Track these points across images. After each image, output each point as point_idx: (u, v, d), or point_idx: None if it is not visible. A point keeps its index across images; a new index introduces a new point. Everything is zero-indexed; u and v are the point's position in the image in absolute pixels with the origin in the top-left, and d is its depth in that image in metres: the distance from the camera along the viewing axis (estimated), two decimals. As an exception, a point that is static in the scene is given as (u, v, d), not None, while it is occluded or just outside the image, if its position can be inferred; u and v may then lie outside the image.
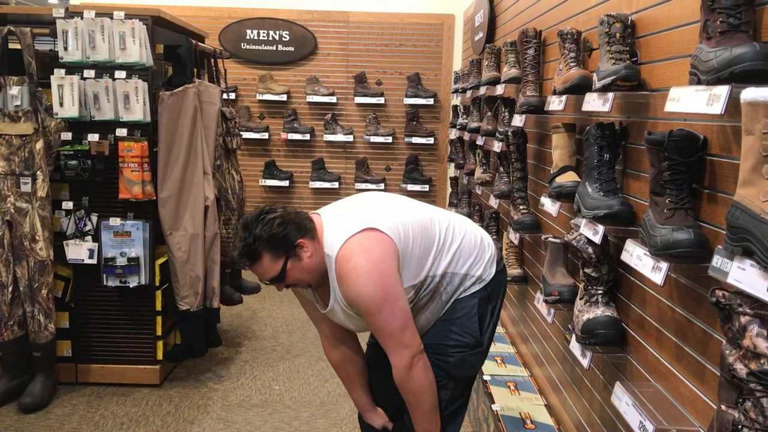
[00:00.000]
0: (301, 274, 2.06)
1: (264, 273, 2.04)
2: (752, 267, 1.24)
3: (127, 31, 3.47)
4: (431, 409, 2.15)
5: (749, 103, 1.25)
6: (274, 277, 2.04)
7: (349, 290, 2.00)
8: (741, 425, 1.26)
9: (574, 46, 2.52)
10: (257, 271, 2.05)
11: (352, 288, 1.99)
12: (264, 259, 2.02)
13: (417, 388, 2.10)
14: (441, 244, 2.18)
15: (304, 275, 2.07)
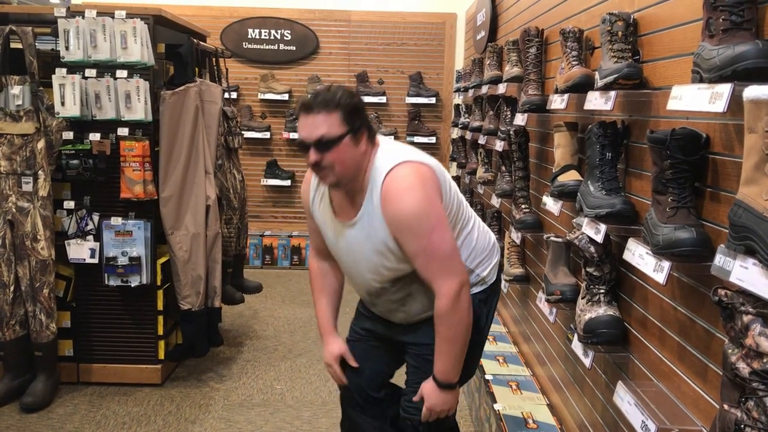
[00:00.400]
0: (343, 160, 1.92)
1: (320, 128, 1.90)
2: (755, 266, 1.23)
3: (128, 31, 3.47)
4: (461, 352, 2.05)
5: (752, 101, 1.24)
6: (325, 138, 1.89)
7: (402, 205, 1.91)
8: (744, 425, 1.25)
9: (576, 45, 2.51)
10: (317, 122, 1.90)
11: (406, 203, 1.91)
12: (333, 115, 1.90)
13: (458, 320, 2.00)
14: (462, 229, 2.16)
15: (345, 163, 1.93)
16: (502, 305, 4.12)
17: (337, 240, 2.15)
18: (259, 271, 6.45)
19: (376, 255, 2.04)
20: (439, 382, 2.09)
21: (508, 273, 3.50)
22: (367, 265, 2.10)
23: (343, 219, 2.09)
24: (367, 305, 2.36)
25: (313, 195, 2.22)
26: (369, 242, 2.03)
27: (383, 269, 2.07)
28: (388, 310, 2.24)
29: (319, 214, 2.21)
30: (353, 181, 2.00)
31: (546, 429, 2.71)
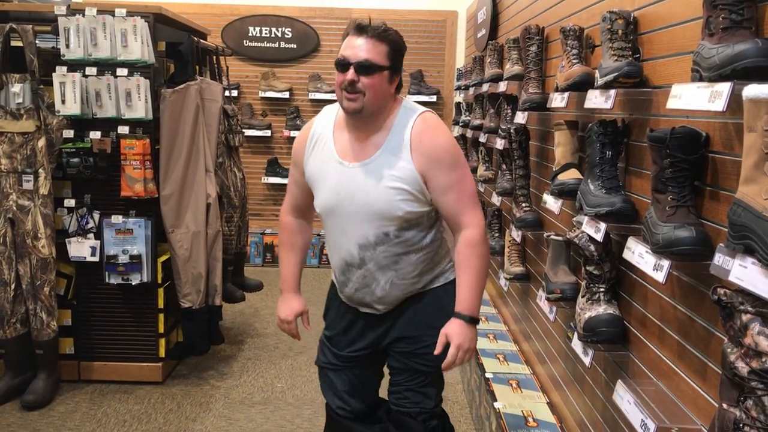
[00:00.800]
0: (376, 90, 2.01)
1: (367, 52, 2.00)
2: (754, 265, 1.23)
3: (128, 29, 3.47)
4: (484, 285, 2.18)
5: (751, 99, 1.24)
6: (369, 62, 1.99)
7: (439, 140, 2.06)
8: (742, 424, 1.25)
9: (577, 43, 2.51)
10: (365, 46, 2.00)
11: (442, 138, 2.07)
12: (381, 46, 2.01)
13: (487, 251, 2.16)
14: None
15: (376, 93, 2.01)
16: (503, 303, 4.12)
17: (339, 184, 2.10)
18: (260, 269, 6.45)
19: (390, 193, 2.04)
20: (467, 317, 2.11)
21: (509, 271, 3.50)
22: (374, 208, 2.06)
23: (352, 160, 2.09)
24: (343, 284, 2.23)
25: (309, 144, 2.20)
26: (386, 179, 2.05)
27: (393, 209, 2.05)
28: (373, 278, 2.14)
29: (314, 162, 2.17)
30: (373, 117, 2.06)
31: (546, 427, 2.72)
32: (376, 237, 2.09)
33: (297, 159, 2.26)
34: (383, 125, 2.08)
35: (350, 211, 2.10)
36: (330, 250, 2.26)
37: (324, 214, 2.18)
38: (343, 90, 2.02)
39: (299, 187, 2.30)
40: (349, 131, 2.12)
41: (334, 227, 2.17)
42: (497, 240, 3.98)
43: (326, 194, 2.14)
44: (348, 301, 2.28)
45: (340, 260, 2.19)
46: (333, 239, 2.21)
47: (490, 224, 4.14)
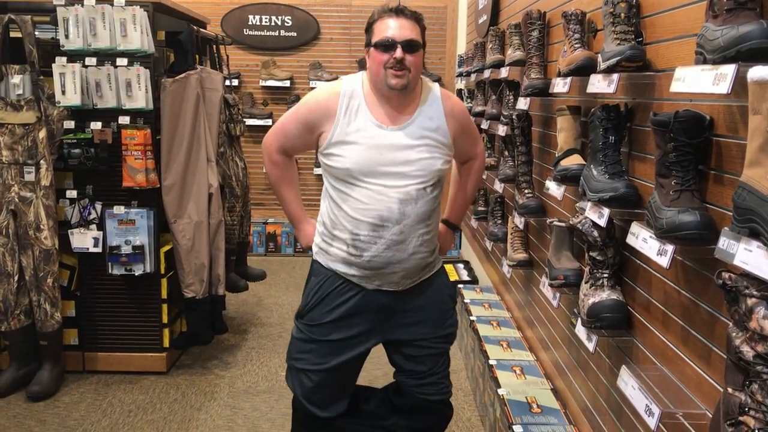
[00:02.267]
0: (418, 66, 2.21)
1: (411, 32, 2.18)
2: (759, 248, 1.22)
3: (128, 18, 3.45)
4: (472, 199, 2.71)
5: (756, 81, 1.22)
6: (414, 42, 2.18)
7: (462, 106, 2.39)
8: (748, 408, 1.25)
9: (579, 27, 2.49)
10: (407, 26, 2.18)
11: (462, 104, 2.41)
12: (417, 27, 2.21)
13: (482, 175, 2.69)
14: None
15: (417, 69, 2.22)
16: (506, 290, 4.12)
17: (379, 145, 2.19)
18: (263, 258, 6.45)
19: (431, 151, 2.23)
20: (453, 225, 2.59)
21: (512, 258, 3.50)
22: (418, 165, 2.21)
23: (393, 124, 2.22)
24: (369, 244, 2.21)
25: (341, 104, 2.22)
26: (426, 139, 2.23)
27: (433, 165, 2.23)
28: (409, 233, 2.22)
29: (348, 123, 2.21)
30: (412, 90, 2.25)
31: (550, 413, 2.72)
32: (417, 192, 2.21)
33: (310, 120, 2.26)
34: (415, 94, 2.27)
35: (393, 169, 2.19)
36: (352, 213, 2.21)
37: (358, 174, 2.18)
38: (388, 68, 2.15)
39: (298, 139, 2.33)
40: (382, 103, 2.23)
41: (369, 186, 2.19)
42: (500, 227, 3.98)
43: (365, 154, 2.18)
44: (365, 267, 2.24)
45: (374, 218, 2.18)
46: (367, 197, 2.19)
47: (492, 211, 4.13)
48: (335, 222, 2.26)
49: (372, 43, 2.19)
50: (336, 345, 2.31)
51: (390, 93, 2.19)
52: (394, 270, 2.24)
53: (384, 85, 2.18)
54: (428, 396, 2.38)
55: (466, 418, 3.39)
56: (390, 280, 2.26)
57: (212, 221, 3.78)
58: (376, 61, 2.17)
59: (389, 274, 2.24)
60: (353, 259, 2.24)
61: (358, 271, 2.25)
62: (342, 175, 2.21)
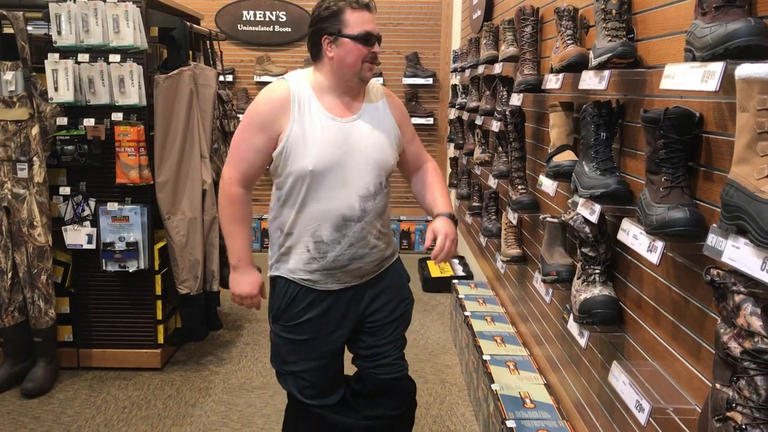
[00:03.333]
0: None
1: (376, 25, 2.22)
2: (746, 245, 1.23)
3: (120, 14, 3.44)
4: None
5: (744, 79, 1.23)
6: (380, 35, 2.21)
7: (399, 102, 2.42)
8: (735, 403, 1.26)
9: (571, 24, 2.49)
10: (374, 20, 2.20)
11: (399, 102, 2.43)
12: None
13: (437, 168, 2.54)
14: None
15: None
16: (500, 286, 4.13)
17: (336, 139, 2.17)
18: (258, 254, 6.45)
19: (384, 142, 2.26)
20: (448, 214, 2.33)
21: (506, 254, 3.50)
22: (374, 157, 2.23)
23: (345, 115, 2.23)
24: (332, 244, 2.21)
25: (295, 110, 2.16)
26: (377, 130, 2.26)
27: (387, 157, 2.27)
28: (369, 229, 2.25)
29: (302, 121, 2.16)
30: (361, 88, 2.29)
31: (543, 409, 2.73)
32: (375, 186, 2.23)
33: (267, 123, 2.17)
34: (362, 87, 2.29)
35: (352, 163, 2.19)
36: (313, 218, 2.20)
37: (319, 173, 2.15)
38: (366, 62, 2.17)
39: (260, 154, 2.21)
40: (333, 96, 2.22)
41: (331, 184, 2.17)
42: (494, 222, 3.98)
43: (325, 150, 2.15)
44: (329, 268, 2.23)
45: (336, 217, 2.18)
46: (328, 197, 2.18)
47: (487, 207, 4.13)
48: (293, 231, 2.24)
49: (352, 34, 2.14)
50: (317, 342, 2.31)
51: (357, 85, 2.23)
52: (358, 265, 2.27)
53: (355, 78, 2.19)
54: (387, 375, 2.39)
55: (460, 413, 3.40)
56: (354, 275, 2.28)
57: (206, 217, 3.78)
58: (354, 54, 2.15)
59: (353, 270, 2.27)
60: (315, 263, 2.23)
61: (320, 275, 2.25)
62: (303, 178, 2.16)
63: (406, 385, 2.47)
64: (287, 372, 2.38)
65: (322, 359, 2.34)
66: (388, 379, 2.39)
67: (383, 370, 2.39)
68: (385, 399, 2.40)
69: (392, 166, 2.31)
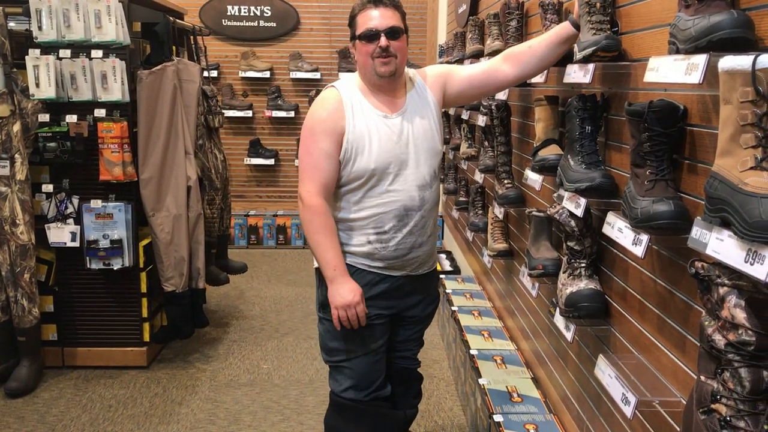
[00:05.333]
0: (403, 51, 2.28)
1: (391, 19, 2.24)
2: (730, 238, 1.22)
3: (102, 10, 3.40)
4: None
5: (727, 71, 1.23)
6: (396, 28, 2.24)
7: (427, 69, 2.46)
8: (720, 395, 1.26)
9: (556, 17, 2.49)
10: (387, 14, 2.24)
11: (428, 68, 2.47)
12: (398, 14, 2.28)
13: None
14: None
15: (403, 55, 2.28)
16: (487, 280, 4.13)
17: (391, 134, 2.26)
18: (245, 251, 6.43)
19: (431, 130, 2.34)
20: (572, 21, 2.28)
21: (492, 248, 3.50)
22: (425, 147, 2.30)
23: (395, 111, 2.30)
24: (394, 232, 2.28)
25: (349, 111, 2.26)
26: (424, 119, 2.33)
27: (436, 144, 2.35)
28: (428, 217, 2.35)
29: (360, 122, 2.24)
30: (401, 76, 2.32)
31: (530, 402, 2.74)
32: (430, 176, 2.33)
33: (331, 127, 2.24)
34: (402, 82, 2.34)
35: (408, 156, 2.27)
36: (374, 212, 2.27)
37: (380, 170, 2.24)
38: (375, 58, 2.22)
39: (331, 159, 2.24)
40: (377, 95, 2.30)
41: (392, 179, 2.26)
42: (480, 217, 3.98)
43: (383, 147, 2.24)
44: (390, 257, 2.30)
45: (398, 209, 2.27)
46: (389, 191, 2.26)
47: (473, 201, 4.13)
48: (353, 225, 2.30)
49: (358, 34, 2.24)
50: (367, 327, 2.32)
51: (380, 81, 2.26)
52: (416, 254, 2.35)
53: (374, 75, 2.25)
54: (404, 365, 2.52)
55: (447, 407, 3.40)
56: (413, 265, 2.36)
57: (191, 214, 3.75)
58: (362, 52, 2.24)
59: (412, 259, 2.34)
60: (377, 252, 2.30)
61: (382, 262, 2.31)
62: (364, 176, 2.24)
63: (418, 374, 2.61)
64: (338, 366, 2.37)
65: (375, 346, 2.36)
66: (404, 368, 2.52)
67: (403, 362, 2.51)
68: (405, 386, 2.53)
69: (440, 152, 2.40)
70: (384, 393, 2.41)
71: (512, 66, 2.36)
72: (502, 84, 2.43)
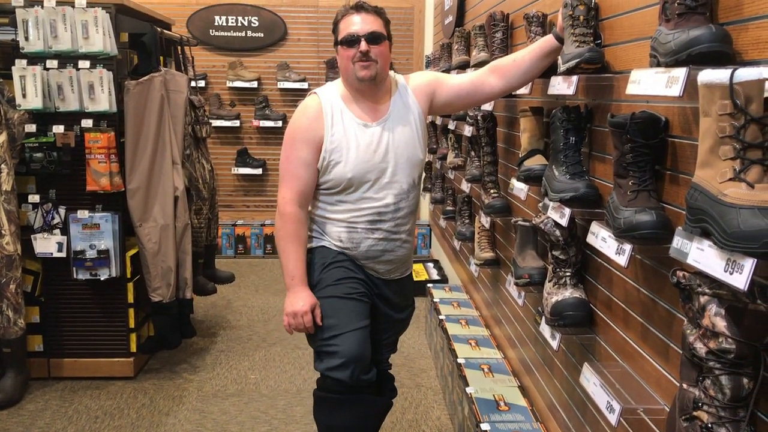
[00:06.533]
0: (385, 56, 2.31)
1: (372, 24, 2.29)
2: (710, 248, 1.25)
3: (89, 20, 3.41)
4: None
5: (706, 84, 1.25)
6: (376, 33, 2.28)
7: (416, 75, 2.52)
8: (701, 403, 1.28)
9: (540, 29, 2.52)
10: (368, 20, 2.29)
11: (416, 74, 2.53)
12: (379, 20, 2.32)
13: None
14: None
15: (385, 60, 2.32)
16: (474, 289, 4.15)
17: (370, 143, 2.30)
18: (233, 260, 6.42)
19: (413, 138, 2.37)
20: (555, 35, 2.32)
21: (479, 257, 3.52)
22: (405, 156, 2.34)
23: (376, 119, 2.34)
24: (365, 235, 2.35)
25: (328, 121, 2.31)
26: (405, 127, 2.36)
27: (417, 153, 2.39)
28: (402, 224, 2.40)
29: (338, 130, 2.30)
30: (383, 81, 2.35)
31: (517, 411, 2.75)
32: (408, 184, 2.37)
33: (310, 136, 2.30)
34: (386, 88, 2.38)
35: (387, 165, 2.32)
36: (347, 216, 2.35)
37: (357, 179, 2.30)
38: (356, 62, 2.26)
39: (309, 168, 2.31)
40: (359, 102, 2.34)
41: (368, 187, 2.32)
42: (467, 226, 4.00)
43: (361, 157, 2.29)
44: (361, 258, 2.39)
45: (372, 214, 2.34)
46: (364, 198, 2.33)
47: (460, 211, 4.15)
48: (327, 222, 2.39)
49: (339, 40, 2.32)
50: (352, 302, 2.35)
51: (361, 86, 2.31)
52: (388, 258, 2.41)
53: (355, 79, 2.29)
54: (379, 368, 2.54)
55: (435, 417, 3.41)
56: (384, 268, 2.42)
57: (178, 224, 3.75)
58: (343, 57, 2.30)
59: (383, 262, 2.41)
60: (348, 250, 2.38)
61: (356, 259, 2.40)
62: (341, 184, 2.30)
63: (389, 374, 2.67)
64: (325, 351, 2.31)
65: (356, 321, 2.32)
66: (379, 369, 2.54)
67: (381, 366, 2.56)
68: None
69: (422, 161, 2.42)
70: (369, 377, 2.35)
71: (498, 78, 2.40)
72: (488, 96, 2.48)
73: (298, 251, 2.35)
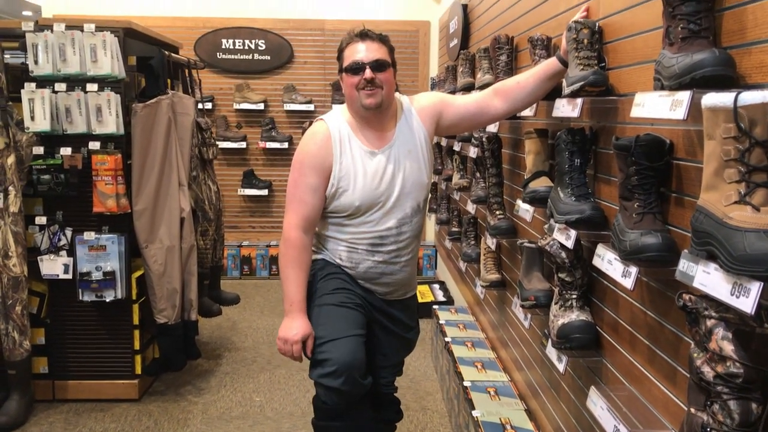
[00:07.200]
0: (390, 84, 2.33)
1: (377, 52, 2.31)
2: (716, 271, 1.24)
3: (98, 44, 3.44)
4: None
5: (709, 108, 1.26)
6: (381, 60, 2.31)
7: (422, 97, 2.52)
8: (710, 428, 1.27)
9: (545, 52, 2.54)
10: (373, 47, 2.31)
11: (423, 96, 2.54)
12: (384, 47, 2.35)
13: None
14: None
15: (390, 87, 2.34)
16: (480, 311, 4.14)
17: (377, 171, 2.33)
18: (238, 282, 6.41)
19: (419, 163, 2.39)
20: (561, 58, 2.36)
21: (485, 279, 3.51)
22: (410, 181, 2.37)
23: (381, 146, 2.36)
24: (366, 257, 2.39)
25: (337, 149, 2.33)
26: (411, 152, 2.38)
27: (423, 178, 2.41)
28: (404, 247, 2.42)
29: (347, 158, 2.32)
30: (388, 108, 2.37)
31: (524, 434, 2.72)
32: (412, 209, 2.40)
33: (318, 162, 2.33)
34: (391, 113, 2.40)
35: (393, 192, 2.35)
36: (349, 238, 2.39)
37: (365, 207, 2.33)
38: (360, 90, 2.29)
39: (316, 194, 2.35)
40: (365, 129, 2.37)
41: (373, 212, 2.36)
42: (473, 248, 4.00)
43: (368, 185, 2.32)
44: (360, 277, 2.42)
45: (373, 238, 2.38)
46: (368, 222, 2.37)
47: (466, 232, 4.15)
48: (329, 240, 2.43)
49: (344, 67, 2.34)
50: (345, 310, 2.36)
51: (366, 114, 2.33)
52: (387, 281, 2.44)
53: (360, 107, 2.32)
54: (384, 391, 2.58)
55: (441, 440, 3.38)
56: (384, 289, 2.45)
57: (184, 246, 3.76)
58: (348, 84, 2.33)
59: (382, 284, 2.44)
60: (347, 270, 2.42)
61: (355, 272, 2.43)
62: (347, 210, 2.34)
63: (394, 397, 2.68)
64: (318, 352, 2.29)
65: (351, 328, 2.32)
66: (380, 392, 2.55)
67: (379, 388, 2.54)
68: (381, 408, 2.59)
69: (428, 185, 2.45)
70: (365, 383, 2.31)
71: (503, 100, 2.42)
72: (493, 117, 2.49)
73: (299, 277, 2.37)
